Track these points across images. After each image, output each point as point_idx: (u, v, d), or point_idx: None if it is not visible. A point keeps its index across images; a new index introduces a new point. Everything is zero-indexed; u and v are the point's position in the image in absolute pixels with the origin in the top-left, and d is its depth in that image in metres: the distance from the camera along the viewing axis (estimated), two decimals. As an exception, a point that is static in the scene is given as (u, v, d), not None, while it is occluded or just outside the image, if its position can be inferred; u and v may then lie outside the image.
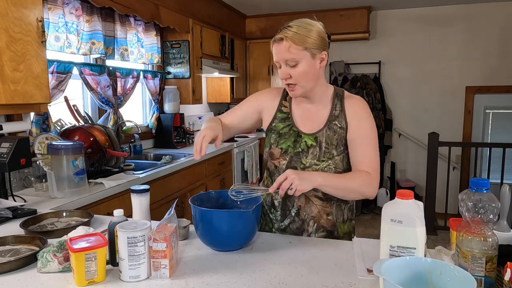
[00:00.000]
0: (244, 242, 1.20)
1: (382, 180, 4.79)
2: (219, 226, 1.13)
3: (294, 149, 1.35)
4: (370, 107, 1.37)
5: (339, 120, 1.33)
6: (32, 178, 2.03)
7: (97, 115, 2.85)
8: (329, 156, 1.32)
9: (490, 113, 4.52)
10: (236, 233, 1.15)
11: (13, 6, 1.67)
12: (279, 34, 1.24)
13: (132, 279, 0.98)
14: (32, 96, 1.78)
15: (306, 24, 1.25)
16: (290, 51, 1.22)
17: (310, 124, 1.36)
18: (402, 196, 0.93)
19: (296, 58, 1.23)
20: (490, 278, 0.88)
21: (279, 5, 4.32)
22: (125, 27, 2.89)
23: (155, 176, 2.44)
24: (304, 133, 1.35)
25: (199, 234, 1.19)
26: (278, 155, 1.38)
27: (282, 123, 1.39)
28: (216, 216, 1.15)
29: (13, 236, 1.23)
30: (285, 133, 1.37)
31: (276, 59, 1.27)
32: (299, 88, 1.28)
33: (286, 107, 1.40)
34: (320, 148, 1.32)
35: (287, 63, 1.25)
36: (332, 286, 0.96)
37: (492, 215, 0.88)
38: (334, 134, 1.32)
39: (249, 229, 1.18)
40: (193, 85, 3.56)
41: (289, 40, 1.22)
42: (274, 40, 1.26)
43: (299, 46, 1.22)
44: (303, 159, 1.33)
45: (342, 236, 1.40)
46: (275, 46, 1.26)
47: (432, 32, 4.51)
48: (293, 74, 1.25)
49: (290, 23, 1.25)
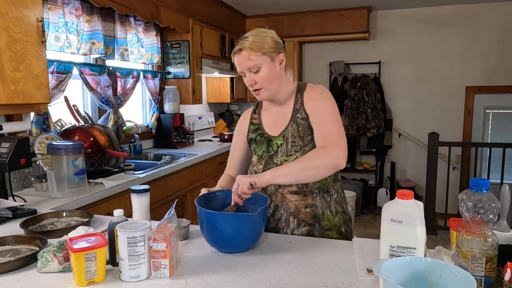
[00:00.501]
0: (250, 244, 1.19)
1: (382, 180, 4.79)
2: (224, 229, 1.13)
3: (268, 153, 1.43)
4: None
5: (300, 112, 1.39)
6: (32, 178, 2.03)
7: (97, 115, 2.85)
8: (296, 149, 1.38)
9: (490, 113, 4.52)
10: (241, 236, 1.14)
11: (13, 6, 1.67)
12: (237, 45, 1.34)
13: (132, 279, 0.98)
14: (32, 96, 1.78)
15: (260, 32, 1.35)
16: (250, 58, 1.32)
17: (278, 126, 1.43)
18: (402, 196, 0.93)
19: (257, 64, 1.32)
20: (490, 278, 0.88)
21: (279, 5, 4.31)
22: (125, 27, 2.89)
23: (155, 176, 2.44)
24: (274, 136, 1.43)
25: (204, 234, 1.19)
26: (256, 162, 1.47)
27: (254, 133, 1.48)
28: (221, 219, 1.14)
29: (13, 236, 1.23)
30: (258, 141, 1.46)
31: (240, 69, 1.35)
32: (264, 91, 1.37)
33: (256, 119, 1.51)
34: (287, 144, 1.39)
35: (250, 70, 1.34)
36: (332, 286, 0.96)
37: (492, 215, 0.88)
38: (299, 126, 1.38)
39: (255, 231, 1.17)
40: (193, 85, 3.56)
41: (247, 49, 1.31)
42: (234, 53, 1.35)
43: (258, 52, 1.32)
44: (275, 159, 1.41)
45: (330, 228, 1.40)
46: (236, 58, 1.35)
47: (432, 32, 4.51)
48: (258, 79, 1.34)
49: (246, 34, 1.35)
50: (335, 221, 1.41)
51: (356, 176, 4.93)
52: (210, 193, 1.32)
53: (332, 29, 4.53)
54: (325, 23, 4.54)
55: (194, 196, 2.97)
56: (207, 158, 3.18)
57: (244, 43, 1.32)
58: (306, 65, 5.06)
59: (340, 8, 4.45)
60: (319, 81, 4.98)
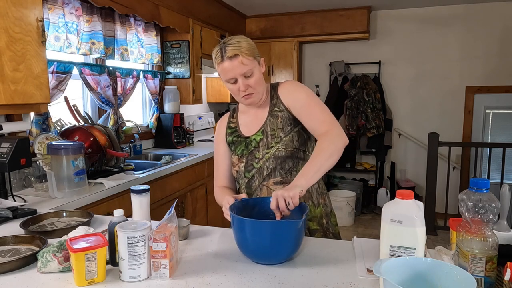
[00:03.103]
0: (291, 253, 1.10)
1: (382, 180, 4.79)
2: (265, 237, 1.04)
3: (247, 150, 1.45)
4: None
5: (277, 105, 1.42)
6: (32, 178, 2.03)
7: (97, 115, 2.85)
8: (276, 140, 1.40)
9: (490, 113, 4.52)
10: (289, 243, 1.06)
11: (13, 6, 1.67)
12: (230, 51, 1.30)
13: (132, 279, 0.98)
14: (32, 96, 1.78)
15: (243, 37, 1.37)
16: (245, 63, 1.31)
17: (255, 125, 1.46)
18: (402, 196, 0.93)
19: (251, 68, 1.33)
20: (490, 278, 0.88)
21: (279, 5, 4.31)
22: (125, 27, 2.89)
23: (155, 176, 2.44)
24: (250, 135, 1.45)
25: (241, 244, 1.10)
26: (237, 161, 1.47)
27: (231, 136, 1.50)
28: (268, 227, 1.04)
29: (13, 236, 1.23)
30: (236, 142, 1.48)
31: (232, 75, 1.33)
32: (256, 95, 1.38)
33: (234, 123, 1.52)
34: (267, 137, 1.41)
35: (245, 75, 1.33)
36: (332, 286, 0.96)
37: (492, 215, 0.88)
38: (277, 119, 1.41)
39: (297, 239, 1.08)
40: (193, 85, 3.56)
41: (243, 54, 1.31)
42: (225, 59, 1.31)
43: (250, 56, 1.33)
44: (256, 154, 1.43)
45: (311, 218, 1.43)
46: (228, 64, 1.31)
47: (432, 32, 4.51)
48: (251, 84, 1.35)
49: (229, 41, 1.33)
50: (316, 212, 1.45)
51: (356, 176, 4.93)
52: (238, 202, 1.23)
53: (332, 29, 4.52)
54: (325, 23, 4.54)
55: (194, 196, 2.98)
56: (207, 158, 3.18)
57: (237, 48, 1.31)
58: (306, 65, 5.06)
59: (340, 8, 4.45)
60: (319, 81, 4.99)
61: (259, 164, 1.42)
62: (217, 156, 1.55)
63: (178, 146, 3.43)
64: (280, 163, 1.39)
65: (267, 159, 1.40)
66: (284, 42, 4.62)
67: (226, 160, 1.53)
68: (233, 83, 1.35)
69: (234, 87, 1.35)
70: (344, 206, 4.26)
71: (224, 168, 1.54)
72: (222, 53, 1.32)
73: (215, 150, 1.57)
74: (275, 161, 1.39)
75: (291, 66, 4.65)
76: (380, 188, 4.68)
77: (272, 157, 1.40)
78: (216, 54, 1.34)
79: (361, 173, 4.90)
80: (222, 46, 1.33)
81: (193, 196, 2.97)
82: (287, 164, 1.40)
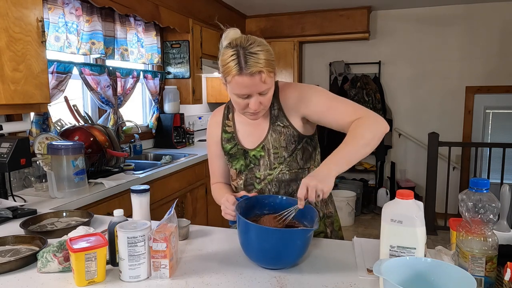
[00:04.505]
0: (297, 259, 1.08)
1: (382, 180, 4.79)
2: (274, 244, 1.00)
3: (246, 167, 1.32)
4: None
5: (280, 119, 1.27)
6: (32, 178, 2.03)
7: (97, 115, 2.85)
8: (280, 161, 1.28)
9: (490, 113, 4.52)
10: (297, 249, 1.03)
11: (13, 6, 1.67)
12: (253, 65, 1.09)
13: (132, 279, 0.98)
14: (32, 96, 1.78)
15: (265, 45, 1.14)
16: (266, 81, 1.12)
17: (255, 137, 1.31)
18: (402, 196, 0.93)
19: (270, 86, 1.16)
20: (490, 278, 0.88)
21: (279, 5, 4.31)
22: (125, 27, 2.89)
23: (155, 176, 2.44)
24: (250, 149, 1.31)
25: (247, 247, 1.07)
26: (235, 176, 1.37)
27: (229, 144, 1.35)
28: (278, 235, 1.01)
29: (13, 236, 1.23)
30: (234, 153, 1.34)
31: (248, 92, 1.13)
32: (262, 111, 1.22)
33: (230, 126, 1.36)
34: (269, 155, 1.28)
35: (261, 93, 1.15)
36: (332, 286, 0.96)
37: (492, 215, 0.88)
38: (280, 135, 1.27)
39: (305, 246, 1.06)
40: (193, 85, 3.56)
41: (265, 71, 1.11)
42: (245, 73, 1.09)
43: (271, 73, 1.15)
44: (257, 173, 1.31)
45: (315, 233, 1.36)
46: (248, 80, 1.10)
47: (432, 32, 4.51)
48: (264, 102, 1.18)
49: (249, 46, 1.10)
50: (320, 228, 1.37)
51: (356, 176, 4.93)
52: (242, 201, 1.16)
53: (332, 29, 4.52)
54: (325, 23, 4.54)
55: (194, 196, 2.98)
56: (207, 158, 3.17)
57: (259, 62, 1.09)
58: (306, 65, 5.06)
59: (340, 8, 4.45)
60: (319, 81, 4.99)
61: (261, 186, 1.31)
62: (211, 154, 1.44)
63: (178, 146, 3.43)
64: (284, 187, 1.29)
65: (269, 181, 1.30)
66: (284, 42, 4.62)
67: (222, 158, 1.41)
68: (245, 98, 1.16)
69: (243, 102, 1.17)
70: (344, 206, 4.26)
71: (219, 165, 1.43)
72: (240, 63, 1.09)
73: (208, 149, 1.44)
74: (278, 185, 1.29)
75: (291, 66, 4.65)
76: (380, 188, 4.68)
77: (275, 180, 1.29)
78: (230, 61, 1.10)
79: (361, 173, 4.90)
80: (240, 52, 1.10)
81: (193, 196, 2.97)
82: (291, 187, 1.30)
